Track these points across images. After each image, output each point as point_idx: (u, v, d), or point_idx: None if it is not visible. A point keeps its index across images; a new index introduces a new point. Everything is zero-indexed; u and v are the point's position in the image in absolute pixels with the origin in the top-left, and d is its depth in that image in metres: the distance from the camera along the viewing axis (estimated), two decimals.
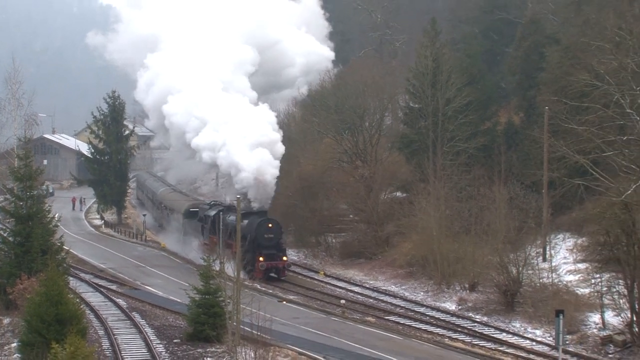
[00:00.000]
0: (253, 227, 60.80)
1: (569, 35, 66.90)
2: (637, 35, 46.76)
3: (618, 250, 44.88)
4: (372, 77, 73.83)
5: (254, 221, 61.17)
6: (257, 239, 60.54)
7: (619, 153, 45.34)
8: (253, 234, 60.60)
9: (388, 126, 78.37)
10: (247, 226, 60.32)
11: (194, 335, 41.88)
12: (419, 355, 41.24)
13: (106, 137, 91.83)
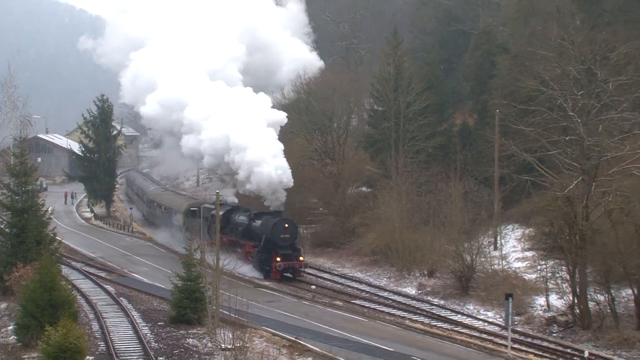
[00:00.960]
0: (269, 227, 55.98)
1: (517, 45, 67.27)
2: (578, 45, 46.99)
3: (561, 240, 45.28)
4: (339, 83, 73.94)
5: (270, 221, 56.43)
6: (273, 239, 55.56)
7: (562, 152, 45.61)
8: (269, 234, 55.81)
9: (354, 127, 78.51)
10: (262, 226, 57.10)
11: (176, 319, 41.75)
12: (382, 335, 41.31)
13: (95, 137, 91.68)
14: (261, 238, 56.56)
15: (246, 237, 59.31)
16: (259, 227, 57.25)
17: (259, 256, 56.31)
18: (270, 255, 55.67)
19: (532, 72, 49.61)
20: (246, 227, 59.34)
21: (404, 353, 37.72)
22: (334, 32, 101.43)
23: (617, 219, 43.40)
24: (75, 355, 32.16)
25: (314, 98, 71.80)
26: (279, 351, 37.00)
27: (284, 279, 55.82)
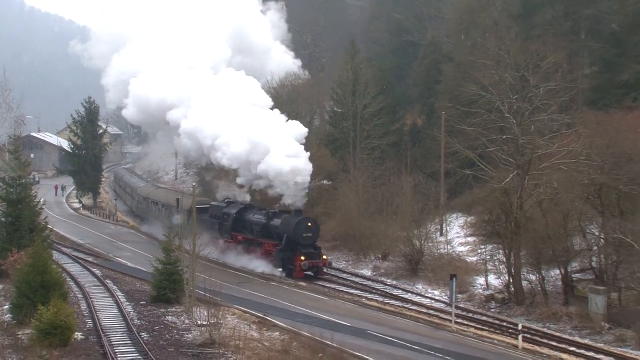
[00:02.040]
0: (291, 226, 50.93)
1: (460, 55, 67.86)
2: (513, 55, 47.40)
3: (499, 227, 45.69)
4: (303, 87, 74.03)
5: (292, 220, 51.31)
6: (295, 238, 50.62)
7: (499, 149, 45.89)
8: (291, 233, 50.82)
9: (317, 127, 78.49)
10: (283, 225, 51.95)
11: (157, 298, 41.73)
12: (342, 312, 41.52)
13: (83, 135, 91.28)
14: (282, 237, 51.75)
15: (264, 236, 54.34)
16: (279, 226, 52.37)
17: (281, 255, 51.38)
18: (292, 254, 50.93)
19: (473, 78, 49.90)
20: (264, 225, 54.28)
21: (361, 328, 37.99)
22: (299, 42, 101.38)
23: (547, 208, 43.97)
24: (65, 332, 32.30)
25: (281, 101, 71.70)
26: (250, 327, 37.15)
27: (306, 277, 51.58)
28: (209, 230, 58.62)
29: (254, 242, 55.08)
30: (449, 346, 35.12)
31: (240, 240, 56.45)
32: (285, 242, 51.13)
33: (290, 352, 32.57)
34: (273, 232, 53.29)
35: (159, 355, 31.23)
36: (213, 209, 61.24)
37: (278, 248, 51.77)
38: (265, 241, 53.95)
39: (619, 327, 37.86)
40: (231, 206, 59.34)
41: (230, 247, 57.41)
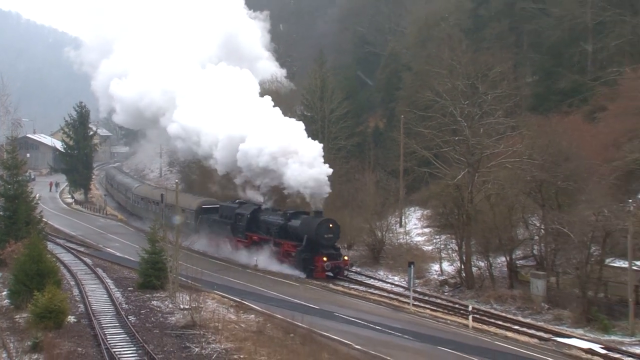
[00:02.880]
0: (313, 227, 46.63)
1: (417, 64, 68.13)
2: (464, 65, 47.80)
3: (451, 219, 46.05)
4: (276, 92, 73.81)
5: (314, 221, 47.00)
6: (317, 238, 46.39)
7: (452, 149, 46.21)
8: (313, 233, 46.52)
9: None
10: (303, 226, 47.66)
11: (143, 285, 41.47)
12: (311, 296, 41.55)
13: (75, 136, 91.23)
14: (301, 237, 47.53)
15: (282, 236, 49.76)
16: (299, 226, 48.05)
17: (302, 255, 47.11)
18: (312, 255, 46.63)
19: (429, 85, 50.18)
20: (281, 226, 49.78)
21: (328, 310, 38.10)
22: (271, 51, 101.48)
23: (494, 202, 44.33)
24: (59, 315, 32.15)
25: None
26: (227, 310, 37.10)
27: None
28: (219, 229, 55.49)
29: (271, 242, 50.48)
30: (407, 326, 35.37)
31: (255, 240, 52.05)
32: (306, 243, 46.87)
33: (264, 332, 32.62)
34: (291, 233, 49.10)
35: (145, 336, 31.06)
36: (223, 209, 56.69)
37: (298, 249, 47.49)
38: (283, 241, 49.37)
39: (557, 307, 38.33)
40: (244, 206, 54.63)
41: (244, 246, 53.05)
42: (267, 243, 50.60)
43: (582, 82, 58.70)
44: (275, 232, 49.99)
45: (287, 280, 46.85)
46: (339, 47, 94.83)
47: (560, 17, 61.42)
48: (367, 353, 29.57)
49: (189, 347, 29.94)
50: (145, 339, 30.55)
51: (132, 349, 29.53)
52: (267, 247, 50.56)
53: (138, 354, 28.74)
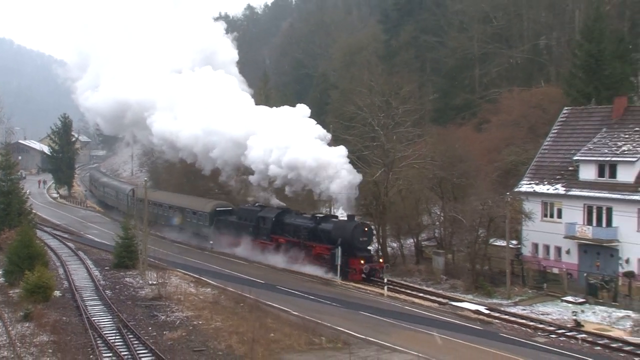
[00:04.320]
0: (348, 231, 39.70)
1: (343, 84, 68.54)
2: (380, 85, 48.22)
3: (371, 209, 46.16)
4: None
5: (348, 225, 40.12)
6: (352, 242, 39.41)
7: (371, 153, 46.42)
8: (348, 237, 39.55)
9: None
10: (337, 229, 40.53)
11: (118, 264, 40.65)
12: (258, 273, 41.36)
13: (60, 142, 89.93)
14: (333, 240, 40.34)
15: (312, 239, 42.29)
16: (332, 230, 40.82)
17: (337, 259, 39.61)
18: (347, 258, 39.41)
19: (352, 101, 50.33)
20: (311, 229, 42.34)
21: (272, 284, 38.04)
22: None
23: (404, 195, 44.79)
24: (46, 290, 31.56)
25: None
26: (188, 285, 36.67)
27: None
28: (238, 231, 47.87)
29: (300, 245, 42.89)
30: (335, 296, 35.54)
31: (281, 242, 44.49)
32: (341, 246, 39.54)
33: (219, 302, 32.39)
34: (322, 236, 41.75)
35: (120, 307, 30.58)
36: (242, 211, 48.82)
37: (333, 252, 39.93)
38: (314, 244, 41.94)
39: (452, 278, 38.95)
40: (266, 210, 47.11)
41: (269, 248, 45.37)
42: (295, 246, 43.20)
43: (472, 99, 60.19)
44: (304, 235, 42.62)
45: (237, 259, 46.52)
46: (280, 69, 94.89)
47: (454, 48, 62.89)
48: (303, 318, 29.59)
49: (156, 315, 29.58)
50: (119, 309, 30.10)
51: (108, 317, 29.08)
52: (295, 250, 43.14)
53: (114, 321, 28.32)
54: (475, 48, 61.66)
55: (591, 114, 41.27)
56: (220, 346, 24.93)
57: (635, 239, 34.41)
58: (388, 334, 27.31)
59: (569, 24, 58.47)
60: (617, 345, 27.21)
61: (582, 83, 45.88)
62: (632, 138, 36.96)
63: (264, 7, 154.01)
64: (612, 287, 33.21)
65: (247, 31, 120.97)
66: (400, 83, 49.92)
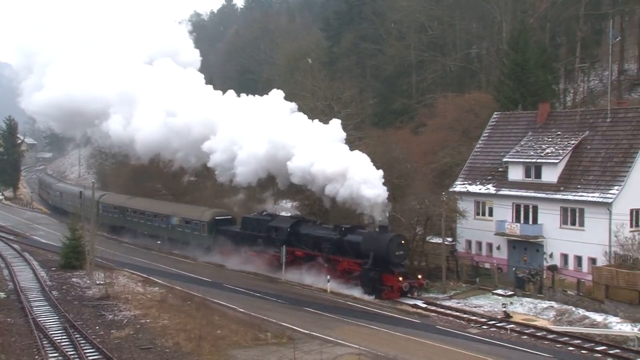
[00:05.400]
0: (383, 244, 33.74)
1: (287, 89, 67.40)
2: (323, 90, 48.45)
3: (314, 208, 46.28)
4: None
5: (383, 237, 34.04)
6: (387, 256, 33.67)
7: None
8: (383, 250, 33.69)
9: None
10: (369, 242, 34.54)
11: (64, 265, 39.37)
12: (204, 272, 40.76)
13: (5, 145, 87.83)
14: (362, 254, 34.85)
15: (336, 252, 36.47)
16: (362, 242, 34.99)
17: (370, 274, 34.20)
18: (380, 274, 34.07)
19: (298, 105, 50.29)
20: (336, 241, 36.50)
21: (218, 282, 37.63)
22: None
23: None
24: None
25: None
26: (136, 284, 35.86)
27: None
28: (244, 243, 41.77)
29: (322, 259, 37.14)
30: (280, 292, 35.47)
31: (298, 255, 38.56)
32: (373, 261, 34.12)
33: (166, 301, 31.81)
34: (349, 249, 36.00)
35: (66, 307, 29.63)
36: (249, 221, 42.74)
37: (365, 267, 34.57)
38: (341, 258, 36.17)
39: None
40: (279, 219, 41.58)
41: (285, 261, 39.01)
42: (315, 259, 37.53)
43: (409, 104, 61.11)
44: (327, 247, 36.78)
45: (184, 259, 45.75)
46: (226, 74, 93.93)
47: (393, 55, 63.71)
48: (249, 314, 29.41)
49: (104, 315, 28.81)
50: (66, 309, 29.17)
51: (55, 317, 28.13)
52: (315, 264, 37.43)
53: (60, 321, 27.41)
54: (412, 56, 62.73)
55: (518, 118, 42.50)
56: (167, 343, 24.47)
57: (558, 235, 35.64)
58: (331, 329, 27.40)
59: (497, 34, 60.10)
60: (542, 334, 28.10)
61: (510, 90, 47.22)
62: (555, 141, 38.27)
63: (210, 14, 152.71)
64: (538, 280, 34.25)
65: (194, 37, 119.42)
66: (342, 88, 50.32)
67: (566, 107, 54.26)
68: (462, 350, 24.91)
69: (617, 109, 37.95)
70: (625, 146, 35.37)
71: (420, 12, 63.51)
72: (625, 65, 60.21)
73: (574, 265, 35.02)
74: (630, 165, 34.35)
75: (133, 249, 49.67)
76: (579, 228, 34.80)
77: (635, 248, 32.72)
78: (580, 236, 34.51)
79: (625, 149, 35.22)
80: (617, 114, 37.31)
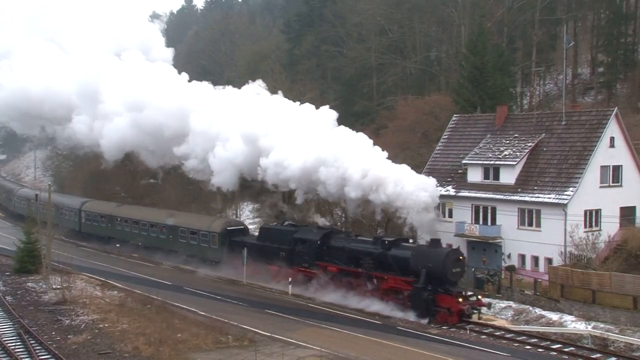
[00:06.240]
0: (438, 259, 30.03)
1: None
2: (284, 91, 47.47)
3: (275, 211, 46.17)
4: None
5: (437, 252, 30.55)
6: (443, 273, 29.96)
7: None
8: (438, 267, 29.95)
9: None
10: (418, 257, 30.82)
11: (19, 269, 38.30)
12: (165, 275, 40.41)
13: None
14: (410, 270, 30.95)
15: (381, 269, 32.23)
16: (411, 257, 31.03)
17: (424, 295, 30.18)
18: (433, 294, 30.24)
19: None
20: (377, 256, 32.32)
21: (178, 285, 37.24)
22: None
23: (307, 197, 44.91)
24: None
25: None
26: (94, 288, 35.16)
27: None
28: (263, 256, 37.68)
29: (364, 276, 32.65)
30: (242, 295, 35.27)
31: (332, 271, 34.21)
32: (425, 279, 30.17)
33: (125, 305, 31.30)
34: (395, 265, 31.89)
35: (21, 312, 28.88)
36: (269, 232, 38.50)
37: (417, 286, 30.48)
38: (386, 275, 31.87)
39: None
40: (305, 230, 36.96)
41: (312, 278, 35.13)
42: (350, 276, 33.39)
43: (370, 106, 61.51)
44: (368, 263, 32.50)
45: (144, 262, 45.06)
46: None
47: (353, 58, 64.11)
48: (210, 317, 29.14)
49: (61, 320, 28.16)
50: (21, 314, 28.44)
51: (9, 323, 27.38)
52: (352, 281, 33.26)
53: (14, 327, 26.68)
54: (372, 58, 63.19)
55: (477, 121, 43.22)
56: (126, 348, 24.05)
57: (516, 235, 36.34)
58: (292, 331, 27.36)
59: (456, 38, 61.03)
60: (500, 334, 28.59)
61: (469, 93, 47.99)
62: (512, 143, 39.03)
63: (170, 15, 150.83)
64: (496, 280, 34.86)
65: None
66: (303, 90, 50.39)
67: (523, 110, 55.43)
68: (422, 350, 25.18)
69: (572, 112, 38.94)
70: (579, 148, 36.32)
71: (380, 15, 64.06)
72: (579, 69, 61.91)
73: (531, 265, 35.76)
74: (584, 167, 35.27)
75: (92, 253, 48.71)
76: (535, 229, 35.57)
77: (588, 248, 33.63)
78: (537, 237, 35.27)
79: (579, 151, 36.16)
80: (571, 117, 38.29)
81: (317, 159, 34.35)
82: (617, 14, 56.44)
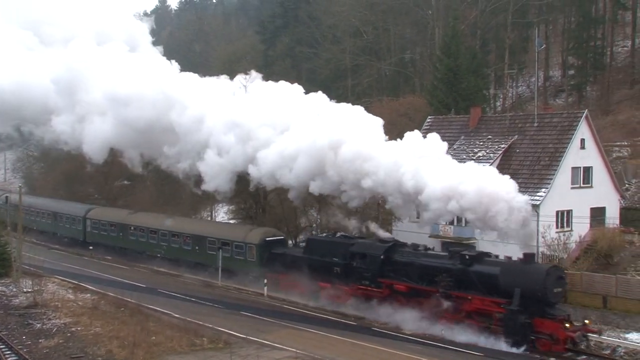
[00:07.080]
0: (538, 277, 25.64)
1: None
2: None
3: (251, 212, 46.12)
4: None
5: (535, 269, 26.40)
6: (544, 294, 25.50)
7: None
8: (537, 286, 25.46)
9: None
10: (509, 274, 26.48)
11: None
12: (138, 277, 39.99)
13: None
14: (502, 291, 26.43)
15: (462, 288, 27.95)
16: (500, 275, 26.67)
17: (519, 319, 25.55)
18: (530, 318, 25.68)
19: None
20: (458, 273, 28.08)
21: (153, 287, 36.84)
22: None
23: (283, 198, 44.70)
24: None
25: None
26: (67, 291, 34.67)
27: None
28: (312, 272, 33.22)
29: (442, 296, 28.31)
30: (217, 297, 35.06)
31: (399, 289, 30.05)
32: (520, 301, 25.66)
33: (98, 308, 30.92)
34: (479, 283, 27.53)
35: None
36: (316, 244, 34.41)
37: (510, 308, 25.90)
38: (469, 296, 27.57)
39: None
40: (363, 243, 32.51)
41: (376, 298, 30.96)
42: (423, 295, 29.06)
43: None
44: (445, 281, 28.36)
45: (117, 264, 44.52)
46: None
47: (328, 59, 64.31)
48: (184, 320, 28.90)
49: (32, 324, 27.69)
50: None
51: None
52: (427, 301, 28.72)
53: None
54: (347, 60, 63.42)
55: (451, 122, 43.60)
56: (99, 351, 23.75)
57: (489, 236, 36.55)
58: (268, 333, 27.28)
59: (430, 40, 61.56)
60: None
61: (443, 94, 48.41)
62: (486, 145, 39.46)
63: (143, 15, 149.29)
64: None
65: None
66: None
67: (496, 111, 56.13)
68: (397, 351, 25.29)
69: (544, 114, 39.52)
70: (551, 150, 36.85)
71: (355, 17, 64.35)
72: (551, 72, 62.92)
73: None
74: (556, 168, 35.80)
75: (64, 255, 47.96)
76: None
77: (560, 248, 34.12)
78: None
79: (551, 153, 36.69)
80: (543, 118, 38.85)
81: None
82: (587, 18, 57.50)
